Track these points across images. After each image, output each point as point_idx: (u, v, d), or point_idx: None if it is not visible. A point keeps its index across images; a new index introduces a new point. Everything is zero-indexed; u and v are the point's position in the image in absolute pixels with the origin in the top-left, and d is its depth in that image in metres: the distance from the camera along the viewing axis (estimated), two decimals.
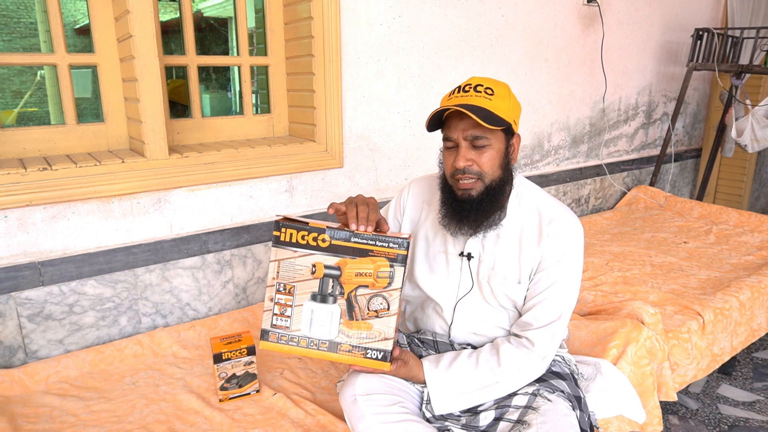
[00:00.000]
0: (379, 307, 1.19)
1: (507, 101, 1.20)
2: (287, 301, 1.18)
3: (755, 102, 3.29)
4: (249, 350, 1.47)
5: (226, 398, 1.47)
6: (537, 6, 2.61)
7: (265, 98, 2.17)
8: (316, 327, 1.20)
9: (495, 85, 1.21)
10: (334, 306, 1.18)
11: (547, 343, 1.24)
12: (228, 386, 1.47)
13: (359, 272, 1.17)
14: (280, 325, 1.19)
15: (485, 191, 1.22)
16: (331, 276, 1.18)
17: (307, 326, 1.20)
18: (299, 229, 1.16)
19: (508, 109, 1.20)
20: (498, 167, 1.22)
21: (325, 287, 1.18)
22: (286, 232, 1.17)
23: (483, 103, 1.17)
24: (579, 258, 1.27)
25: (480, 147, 1.20)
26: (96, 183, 1.63)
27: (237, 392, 1.48)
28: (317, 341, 1.18)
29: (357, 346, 1.18)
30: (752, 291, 2.10)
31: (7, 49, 7.59)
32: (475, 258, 1.30)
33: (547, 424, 1.15)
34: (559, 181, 3.05)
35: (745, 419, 2.04)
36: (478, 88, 1.19)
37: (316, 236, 1.16)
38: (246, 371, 1.48)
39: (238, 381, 1.48)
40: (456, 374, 1.25)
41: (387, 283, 1.18)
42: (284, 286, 1.18)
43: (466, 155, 1.19)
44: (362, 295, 1.19)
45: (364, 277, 1.18)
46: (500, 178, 1.23)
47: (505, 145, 1.23)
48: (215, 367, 1.44)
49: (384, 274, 1.17)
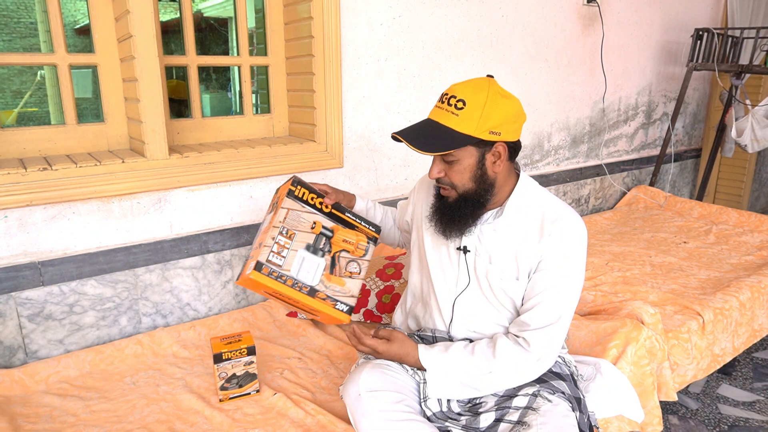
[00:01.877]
0: (353, 270, 1.44)
1: (479, 112, 1.16)
2: (286, 244, 1.36)
3: (755, 102, 3.29)
4: (249, 350, 1.47)
5: (226, 398, 1.47)
6: (537, 6, 2.61)
7: (265, 98, 2.17)
8: (303, 272, 1.39)
9: (473, 93, 1.17)
10: (321, 259, 1.40)
11: (544, 346, 1.23)
12: (228, 386, 1.47)
13: (345, 239, 1.43)
14: (274, 261, 1.34)
15: (459, 199, 1.25)
16: (325, 235, 1.41)
17: (297, 269, 1.38)
18: (311, 191, 1.40)
19: (479, 122, 1.16)
20: (468, 180, 1.22)
21: (318, 242, 1.41)
22: (300, 189, 1.39)
23: (446, 121, 1.18)
24: (581, 261, 1.26)
25: (448, 162, 1.22)
26: (96, 183, 1.63)
27: (237, 392, 1.48)
28: (301, 284, 1.37)
29: (330, 297, 1.39)
30: (752, 291, 2.10)
31: (7, 49, 7.59)
32: (471, 252, 1.31)
33: (547, 425, 1.15)
34: (559, 181, 3.05)
35: (745, 419, 2.04)
36: (451, 101, 1.18)
37: (321, 201, 1.41)
38: (246, 371, 1.48)
39: (238, 381, 1.48)
40: (450, 358, 1.26)
41: (363, 254, 1.45)
42: (287, 231, 1.36)
43: (436, 168, 1.24)
44: (344, 258, 1.44)
45: (348, 244, 1.44)
46: (473, 190, 1.24)
47: (478, 158, 1.21)
48: (215, 367, 1.44)
49: (362, 247, 1.45)
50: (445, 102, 1.19)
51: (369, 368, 1.29)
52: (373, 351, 1.32)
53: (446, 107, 1.19)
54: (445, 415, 1.27)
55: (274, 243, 1.35)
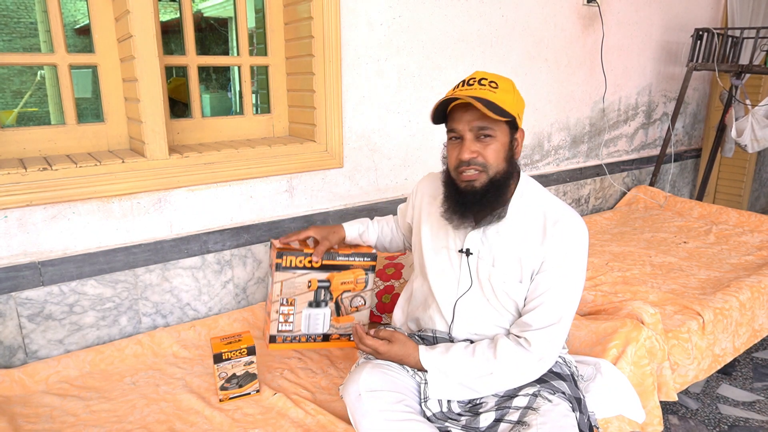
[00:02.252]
0: (358, 303, 1.56)
1: (511, 95, 1.21)
2: (289, 311, 1.51)
3: (755, 102, 3.29)
4: (249, 350, 1.47)
5: (226, 398, 1.47)
6: (537, 6, 2.61)
7: (265, 98, 2.17)
8: (312, 326, 1.55)
9: (499, 79, 1.22)
10: (325, 309, 1.54)
11: (545, 346, 1.24)
12: (228, 386, 1.47)
13: (343, 282, 1.53)
14: (284, 330, 1.52)
15: (489, 183, 1.22)
16: (323, 287, 1.52)
17: (306, 326, 1.54)
18: (297, 255, 1.47)
19: (512, 103, 1.20)
20: (502, 160, 1.22)
21: (318, 296, 1.53)
22: (287, 259, 1.47)
23: (488, 96, 1.17)
24: (582, 262, 1.27)
25: (485, 138, 1.20)
26: (96, 183, 1.63)
27: (237, 392, 1.48)
28: (314, 336, 1.55)
29: (344, 333, 1.57)
30: (752, 291, 2.10)
31: (7, 49, 7.59)
32: (474, 255, 1.31)
33: (547, 425, 1.15)
34: (559, 181, 3.05)
35: (745, 419, 2.04)
36: (482, 81, 1.20)
37: (310, 260, 1.48)
38: (246, 371, 1.48)
39: (238, 381, 1.47)
40: (451, 359, 1.26)
41: (364, 286, 1.55)
42: (287, 300, 1.50)
43: (471, 147, 1.21)
44: (347, 297, 1.55)
45: (347, 284, 1.53)
46: (504, 171, 1.23)
47: (510, 138, 1.24)
48: (215, 367, 1.44)
49: (361, 281, 1.54)
50: (475, 83, 1.20)
51: (369, 368, 1.29)
52: (374, 351, 1.32)
53: (478, 87, 1.19)
54: (445, 416, 1.27)
55: (278, 315, 1.51)
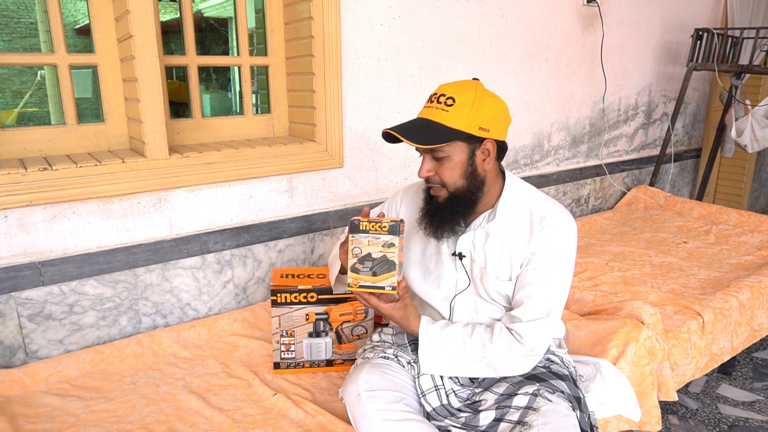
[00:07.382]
0: (360, 332, 1.60)
1: (467, 109, 1.17)
2: (290, 342, 1.57)
3: (755, 102, 3.29)
4: (392, 228, 1.16)
5: (355, 284, 1.18)
6: (537, 6, 2.61)
7: (265, 98, 2.17)
8: (315, 354, 1.61)
9: (461, 92, 1.19)
10: (326, 338, 1.59)
11: (536, 338, 1.24)
12: (360, 267, 1.17)
13: (342, 313, 1.57)
14: (287, 357, 1.59)
15: (450, 197, 1.25)
16: (321, 319, 1.57)
17: (308, 354, 1.60)
18: (291, 291, 1.53)
19: (468, 117, 1.17)
20: (459, 177, 1.23)
21: (318, 327, 1.58)
22: (281, 296, 1.53)
23: (436, 116, 1.19)
24: (570, 255, 1.28)
25: (439, 159, 1.22)
26: (96, 183, 1.63)
27: (369, 281, 1.17)
28: (318, 362, 1.61)
29: (347, 359, 1.62)
30: (752, 291, 2.10)
31: (7, 49, 7.59)
32: (467, 257, 1.31)
33: (548, 425, 1.15)
34: (559, 181, 3.05)
35: (744, 419, 2.04)
36: (440, 98, 1.20)
37: (306, 295, 1.53)
38: (384, 255, 1.17)
39: (372, 265, 1.18)
40: (449, 336, 1.26)
41: (364, 316, 1.59)
42: (286, 332, 1.56)
43: (426, 166, 1.25)
44: (347, 327, 1.60)
45: (346, 316, 1.58)
46: (464, 187, 1.24)
47: (468, 154, 1.22)
48: (350, 238, 1.16)
49: (361, 312, 1.58)
50: (434, 101, 1.21)
51: (368, 368, 1.29)
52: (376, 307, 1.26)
53: (435, 105, 1.20)
54: (445, 410, 1.28)
55: (280, 345, 1.57)
